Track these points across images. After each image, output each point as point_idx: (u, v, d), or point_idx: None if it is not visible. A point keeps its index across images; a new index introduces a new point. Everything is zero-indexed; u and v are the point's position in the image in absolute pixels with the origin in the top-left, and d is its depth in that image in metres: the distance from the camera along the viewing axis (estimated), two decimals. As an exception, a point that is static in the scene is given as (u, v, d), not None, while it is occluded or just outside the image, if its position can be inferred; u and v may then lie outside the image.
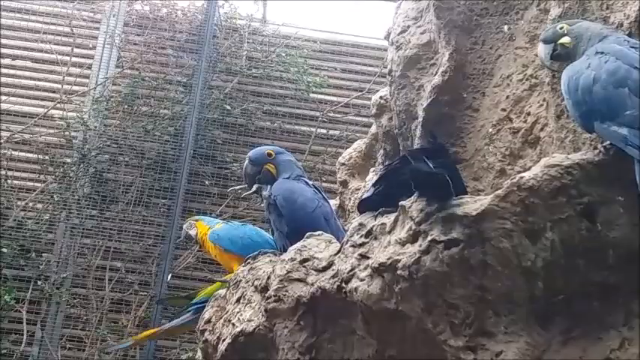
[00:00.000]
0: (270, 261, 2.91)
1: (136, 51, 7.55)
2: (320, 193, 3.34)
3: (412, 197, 2.20)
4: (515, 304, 2.04)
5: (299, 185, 3.29)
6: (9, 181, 6.93)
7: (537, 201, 2.01)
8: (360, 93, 7.60)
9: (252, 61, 7.71)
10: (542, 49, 2.49)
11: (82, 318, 6.64)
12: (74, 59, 7.43)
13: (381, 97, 4.36)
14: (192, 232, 4.03)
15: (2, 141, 7.02)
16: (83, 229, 6.82)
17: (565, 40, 2.39)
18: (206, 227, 3.96)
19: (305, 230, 2.82)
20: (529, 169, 2.17)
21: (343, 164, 5.14)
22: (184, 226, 4.14)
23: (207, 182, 7.15)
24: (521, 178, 2.03)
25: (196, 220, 4.10)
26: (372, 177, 4.75)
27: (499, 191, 2.04)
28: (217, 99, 7.40)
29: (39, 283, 6.61)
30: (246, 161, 3.46)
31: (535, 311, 2.04)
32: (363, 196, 2.70)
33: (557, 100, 2.81)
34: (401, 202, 2.24)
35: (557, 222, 2.01)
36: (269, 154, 3.43)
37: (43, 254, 6.78)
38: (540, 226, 2.02)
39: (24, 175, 7.05)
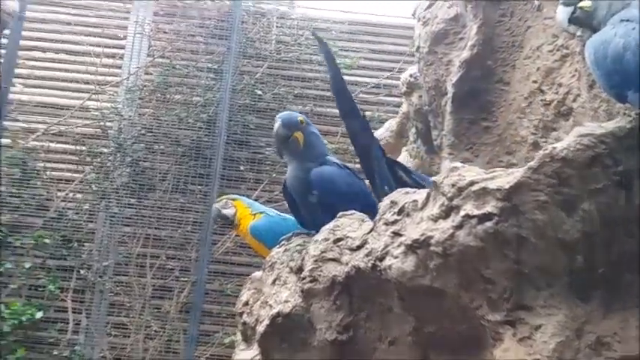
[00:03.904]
0: (304, 242, 2.92)
1: (167, 39, 7.58)
2: (353, 172, 3.27)
3: (443, 172, 2.19)
4: (553, 277, 2.01)
5: (339, 171, 3.18)
6: (48, 173, 7.06)
7: (571, 171, 1.97)
8: (390, 73, 7.55)
9: (281, 45, 7.70)
10: (560, 12, 2.41)
11: (125, 305, 6.75)
12: (106, 50, 7.50)
13: (410, 75, 4.33)
14: (229, 212, 3.97)
15: (40, 133, 7.14)
16: (123, 217, 6.92)
17: (585, 3, 2.30)
18: (246, 210, 3.93)
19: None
20: (563, 140, 2.13)
21: (375, 144, 5.11)
22: (217, 205, 4.08)
23: (241, 167, 7.19)
24: (554, 148, 1.99)
25: (234, 200, 4.05)
26: (405, 156, 4.74)
27: (532, 163, 2.00)
28: (248, 84, 7.41)
29: (82, 272, 6.74)
30: (278, 123, 3.30)
31: (573, 284, 2.01)
32: None
33: (589, 69, 2.75)
34: (432, 178, 2.23)
35: (592, 192, 1.97)
36: (301, 122, 3.29)
37: (85, 244, 6.89)
38: (575, 197, 1.98)
39: (62, 166, 7.17)
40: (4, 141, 7.05)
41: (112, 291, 6.76)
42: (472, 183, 2.08)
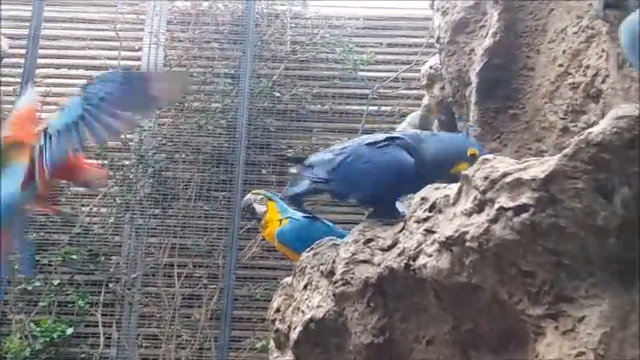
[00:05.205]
0: (334, 244, 2.86)
1: (182, 48, 7.59)
2: None
3: (474, 165, 2.12)
4: (594, 266, 1.93)
5: None
6: (71, 188, 7.07)
7: (608, 156, 1.89)
8: (408, 66, 7.48)
9: (297, 46, 7.66)
10: None
11: (155, 316, 6.75)
12: (122, 62, 7.51)
13: (430, 67, 4.28)
14: (260, 209, 3.86)
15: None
16: (148, 228, 6.93)
17: None
18: (277, 215, 3.84)
19: None
20: (594, 124, 2.06)
21: (398, 139, 5.05)
22: (250, 197, 3.95)
23: (264, 171, 7.16)
24: (590, 133, 1.91)
25: (269, 199, 3.94)
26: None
27: (567, 150, 1.92)
28: (266, 87, 7.39)
29: (110, 285, 6.75)
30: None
31: (615, 272, 1.92)
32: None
33: (617, 49, 2.68)
34: (463, 172, 2.16)
35: (631, 177, 1.89)
36: None
37: (112, 257, 6.91)
38: (614, 182, 1.90)
39: (85, 181, 7.17)
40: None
41: (141, 302, 6.77)
42: (505, 174, 2.01)
